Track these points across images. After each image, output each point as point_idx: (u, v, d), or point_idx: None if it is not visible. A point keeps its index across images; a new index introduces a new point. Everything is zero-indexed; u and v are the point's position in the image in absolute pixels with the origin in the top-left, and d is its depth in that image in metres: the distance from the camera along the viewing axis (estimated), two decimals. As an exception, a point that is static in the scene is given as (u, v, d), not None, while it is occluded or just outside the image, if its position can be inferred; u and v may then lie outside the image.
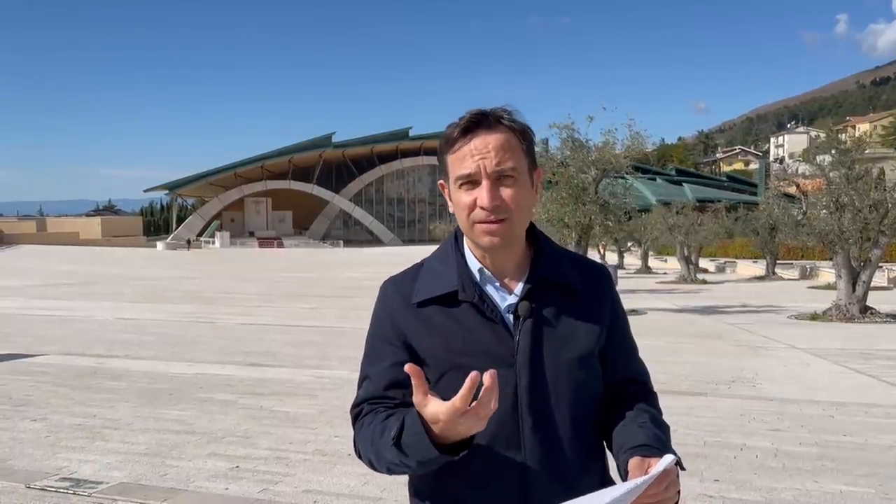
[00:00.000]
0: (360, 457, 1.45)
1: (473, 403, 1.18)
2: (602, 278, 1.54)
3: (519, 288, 1.44)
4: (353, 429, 1.47)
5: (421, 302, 1.44)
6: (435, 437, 1.23)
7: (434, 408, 1.21)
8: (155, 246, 72.57)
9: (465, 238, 1.49)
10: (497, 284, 1.45)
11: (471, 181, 1.37)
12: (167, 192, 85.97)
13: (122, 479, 4.70)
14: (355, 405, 1.49)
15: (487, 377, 1.17)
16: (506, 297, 1.44)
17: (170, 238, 78.03)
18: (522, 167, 1.40)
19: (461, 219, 1.41)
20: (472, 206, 1.38)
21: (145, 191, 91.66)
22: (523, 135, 1.42)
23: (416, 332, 1.44)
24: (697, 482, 4.62)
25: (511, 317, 1.42)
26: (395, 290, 1.50)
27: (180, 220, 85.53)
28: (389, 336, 1.47)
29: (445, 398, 1.38)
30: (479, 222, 1.38)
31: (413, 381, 1.22)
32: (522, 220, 1.42)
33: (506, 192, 1.37)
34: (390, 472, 1.38)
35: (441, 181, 1.49)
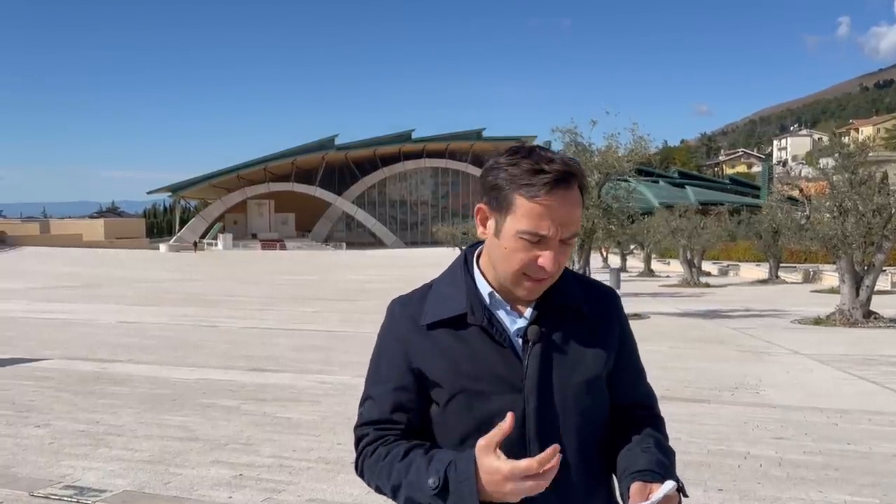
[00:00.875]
0: (363, 478, 1.47)
1: (533, 482, 1.23)
2: (611, 302, 1.55)
3: (528, 312, 1.43)
4: (357, 450, 1.48)
5: (430, 324, 1.44)
6: (480, 490, 1.26)
7: (497, 463, 1.24)
8: (158, 248, 72.67)
9: (475, 260, 1.49)
10: (507, 308, 1.44)
11: (538, 240, 1.35)
12: (170, 194, 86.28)
13: (126, 487, 4.70)
14: (359, 426, 1.49)
15: (550, 450, 1.22)
16: (515, 320, 1.44)
17: (173, 240, 78.20)
18: None
19: (508, 262, 1.37)
20: (530, 262, 1.36)
21: (148, 193, 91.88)
22: (583, 192, 1.40)
23: (423, 355, 1.43)
24: (701, 492, 4.61)
25: (520, 341, 1.42)
26: (403, 310, 1.50)
27: (183, 222, 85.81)
28: (395, 358, 1.47)
29: (452, 421, 1.41)
30: (531, 279, 1.38)
31: (502, 425, 1.25)
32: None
33: (563, 255, 1.37)
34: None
35: (481, 205, 1.41)
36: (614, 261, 39.78)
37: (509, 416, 1.24)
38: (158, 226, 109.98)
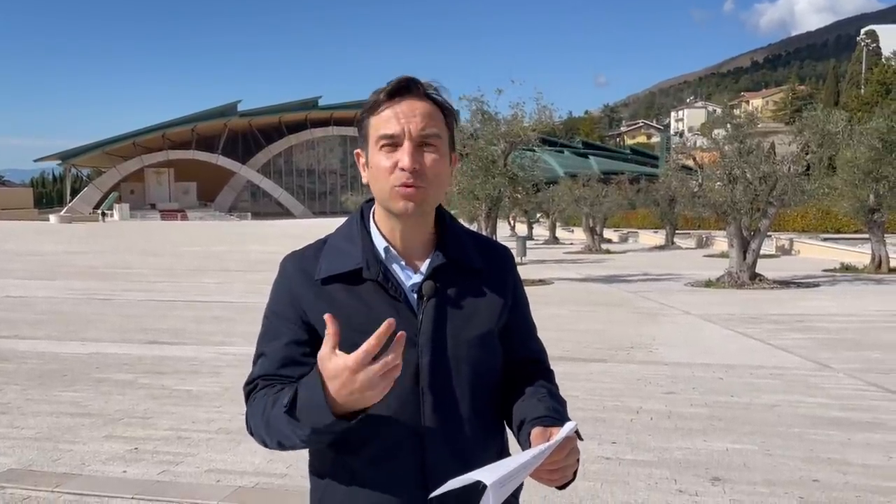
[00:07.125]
0: (252, 434, 1.43)
1: (381, 361, 1.17)
2: (504, 259, 1.57)
3: (424, 267, 1.44)
4: (246, 406, 1.45)
5: (324, 279, 1.42)
6: (331, 402, 1.21)
7: (340, 360, 1.18)
8: (47, 219, 68.52)
9: (371, 215, 1.49)
10: (402, 263, 1.44)
11: (393, 143, 1.37)
12: (60, 161, 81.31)
13: (11, 466, 4.48)
14: (249, 381, 1.46)
15: (401, 334, 1.19)
16: (411, 275, 1.44)
17: (63, 211, 73.93)
18: (444, 139, 1.41)
19: (378, 182, 1.39)
20: (392, 169, 1.36)
21: (36, 160, 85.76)
22: (447, 112, 1.43)
23: (317, 310, 1.40)
24: (596, 445, 4.82)
25: (415, 296, 1.42)
26: (297, 266, 1.47)
27: (75, 192, 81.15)
28: (288, 313, 1.45)
29: None
30: (398, 186, 1.36)
31: (328, 330, 1.19)
32: (438, 191, 1.42)
33: (427, 158, 1.37)
34: (282, 446, 1.36)
35: (357, 150, 1.46)
36: (521, 229, 40.55)
37: (328, 316, 1.19)
38: (48, 196, 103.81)
